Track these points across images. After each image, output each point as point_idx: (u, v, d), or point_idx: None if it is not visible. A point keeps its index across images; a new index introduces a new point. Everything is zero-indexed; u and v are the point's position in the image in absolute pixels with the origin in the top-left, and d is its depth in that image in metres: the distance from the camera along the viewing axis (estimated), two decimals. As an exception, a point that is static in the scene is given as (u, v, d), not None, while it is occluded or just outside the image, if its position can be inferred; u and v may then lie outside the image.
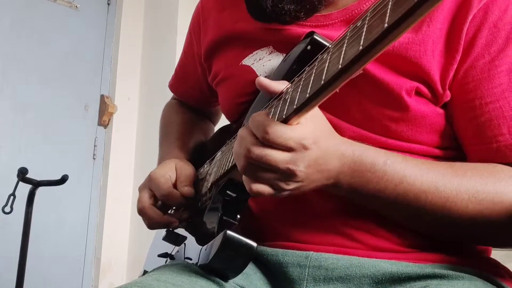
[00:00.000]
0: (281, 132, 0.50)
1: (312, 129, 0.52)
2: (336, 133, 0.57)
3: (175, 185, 0.75)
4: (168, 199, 0.74)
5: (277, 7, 0.66)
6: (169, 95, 1.06)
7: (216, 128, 0.98)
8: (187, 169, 0.77)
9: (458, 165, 0.60)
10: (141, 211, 0.75)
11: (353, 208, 0.63)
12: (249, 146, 0.52)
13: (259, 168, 0.52)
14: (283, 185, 0.54)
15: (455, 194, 0.57)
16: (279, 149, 0.51)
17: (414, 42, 0.61)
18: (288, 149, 0.51)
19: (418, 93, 0.62)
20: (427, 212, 0.58)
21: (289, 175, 0.52)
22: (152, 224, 0.76)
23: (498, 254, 0.69)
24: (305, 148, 0.51)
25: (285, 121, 0.50)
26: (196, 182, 0.77)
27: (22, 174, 1.70)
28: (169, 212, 0.78)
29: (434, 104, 0.63)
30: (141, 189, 0.77)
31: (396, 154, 0.59)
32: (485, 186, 0.57)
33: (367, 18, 0.39)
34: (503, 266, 0.67)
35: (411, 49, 0.61)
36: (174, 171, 0.76)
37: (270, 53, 0.71)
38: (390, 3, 0.36)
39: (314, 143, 0.52)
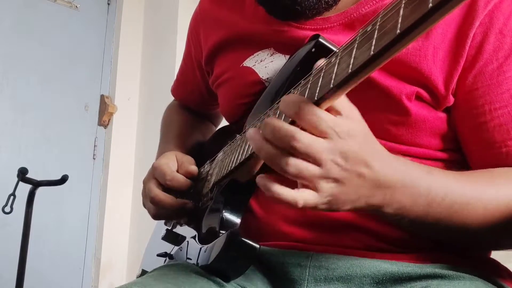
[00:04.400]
0: (314, 111, 0.44)
1: (350, 124, 0.46)
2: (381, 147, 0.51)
3: (177, 171, 0.76)
4: (172, 183, 0.74)
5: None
6: (169, 95, 1.08)
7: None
8: (187, 157, 0.79)
9: (484, 172, 0.60)
10: (154, 199, 0.74)
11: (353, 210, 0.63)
12: (295, 137, 0.45)
13: (287, 154, 0.46)
14: (323, 184, 0.46)
15: (495, 204, 0.56)
16: (315, 133, 0.45)
17: (414, 47, 0.61)
18: (320, 132, 0.45)
19: (419, 97, 0.62)
20: (469, 224, 0.56)
21: (328, 168, 0.46)
22: (161, 212, 0.75)
23: (498, 254, 0.69)
24: (339, 136, 0.45)
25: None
26: (196, 177, 0.78)
27: (22, 174, 1.70)
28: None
29: (435, 109, 0.63)
30: (146, 181, 0.78)
31: (437, 172, 0.56)
32: None
33: (378, 24, 0.39)
34: (503, 266, 0.67)
35: (411, 54, 0.61)
36: (175, 160, 0.78)
37: (272, 55, 0.72)
38: (401, 10, 0.36)
39: (350, 136, 0.46)
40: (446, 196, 0.54)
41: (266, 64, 0.71)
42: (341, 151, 0.46)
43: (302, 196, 0.46)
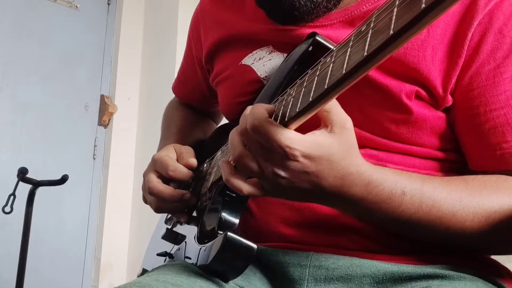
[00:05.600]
0: (272, 132, 0.47)
1: (313, 143, 0.47)
2: (357, 158, 0.51)
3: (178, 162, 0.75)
4: (174, 173, 0.73)
5: (309, 4, 0.65)
6: (169, 95, 1.08)
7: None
8: (186, 147, 0.78)
9: (473, 182, 0.59)
10: (153, 190, 0.73)
11: None
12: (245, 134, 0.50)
13: (248, 162, 0.51)
14: (266, 187, 0.52)
15: (471, 218, 0.56)
16: (268, 148, 0.48)
17: (413, 47, 0.61)
18: (275, 150, 0.48)
19: (418, 96, 0.62)
20: (441, 234, 0.57)
21: (270, 177, 0.50)
22: (162, 204, 0.74)
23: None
24: (291, 158, 0.47)
25: (286, 124, 0.48)
26: (196, 176, 0.77)
27: (22, 174, 1.70)
28: None
29: (435, 108, 0.63)
30: (146, 173, 0.77)
31: (415, 180, 0.56)
32: (501, 205, 0.57)
33: (372, 24, 0.39)
34: (503, 266, 0.67)
35: (409, 54, 0.61)
36: (174, 152, 0.77)
37: (270, 53, 0.71)
38: (395, 9, 0.35)
39: (305, 157, 0.48)
40: (417, 213, 0.55)
41: (265, 62, 0.71)
42: (288, 168, 0.48)
43: (246, 188, 0.52)
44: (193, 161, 0.75)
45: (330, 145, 0.48)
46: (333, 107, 0.48)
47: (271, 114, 0.49)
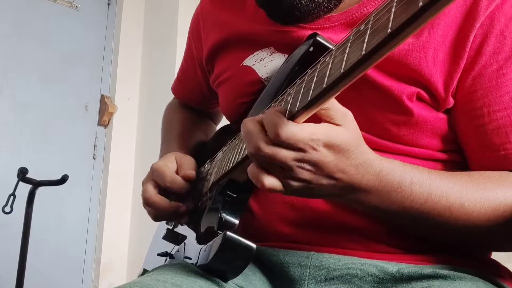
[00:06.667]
0: (291, 133, 0.48)
1: (331, 133, 0.49)
2: (366, 147, 0.53)
3: (177, 173, 0.75)
4: (172, 185, 0.73)
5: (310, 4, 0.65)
6: (169, 95, 1.08)
7: (218, 128, 0.99)
8: (187, 158, 0.78)
9: (477, 175, 0.60)
10: (148, 201, 0.74)
11: (353, 211, 0.63)
12: (259, 144, 0.50)
13: (268, 164, 0.51)
14: (290, 182, 0.51)
15: (478, 209, 0.56)
16: (289, 148, 0.49)
17: (414, 49, 0.61)
18: (297, 149, 0.49)
19: (420, 98, 0.62)
20: (450, 226, 0.57)
21: (295, 172, 0.50)
22: (158, 214, 0.75)
23: (498, 254, 0.70)
24: (314, 149, 0.48)
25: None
26: (196, 177, 0.77)
27: (22, 174, 1.70)
28: None
29: (436, 110, 0.63)
30: (144, 182, 0.78)
31: (422, 170, 0.57)
32: (506, 197, 0.57)
33: (370, 23, 0.39)
34: (503, 266, 0.67)
35: (411, 55, 0.61)
36: (175, 162, 0.77)
37: (272, 54, 0.72)
38: (393, 8, 0.35)
39: (327, 147, 0.49)
40: (426, 202, 0.55)
41: (266, 63, 0.71)
42: (310, 161, 0.49)
43: (269, 182, 0.51)
44: (192, 174, 0.75)
45: (344, 135, 0.49)
46: (331, 104, 0.49)
47: (285, 114, 0.49)
